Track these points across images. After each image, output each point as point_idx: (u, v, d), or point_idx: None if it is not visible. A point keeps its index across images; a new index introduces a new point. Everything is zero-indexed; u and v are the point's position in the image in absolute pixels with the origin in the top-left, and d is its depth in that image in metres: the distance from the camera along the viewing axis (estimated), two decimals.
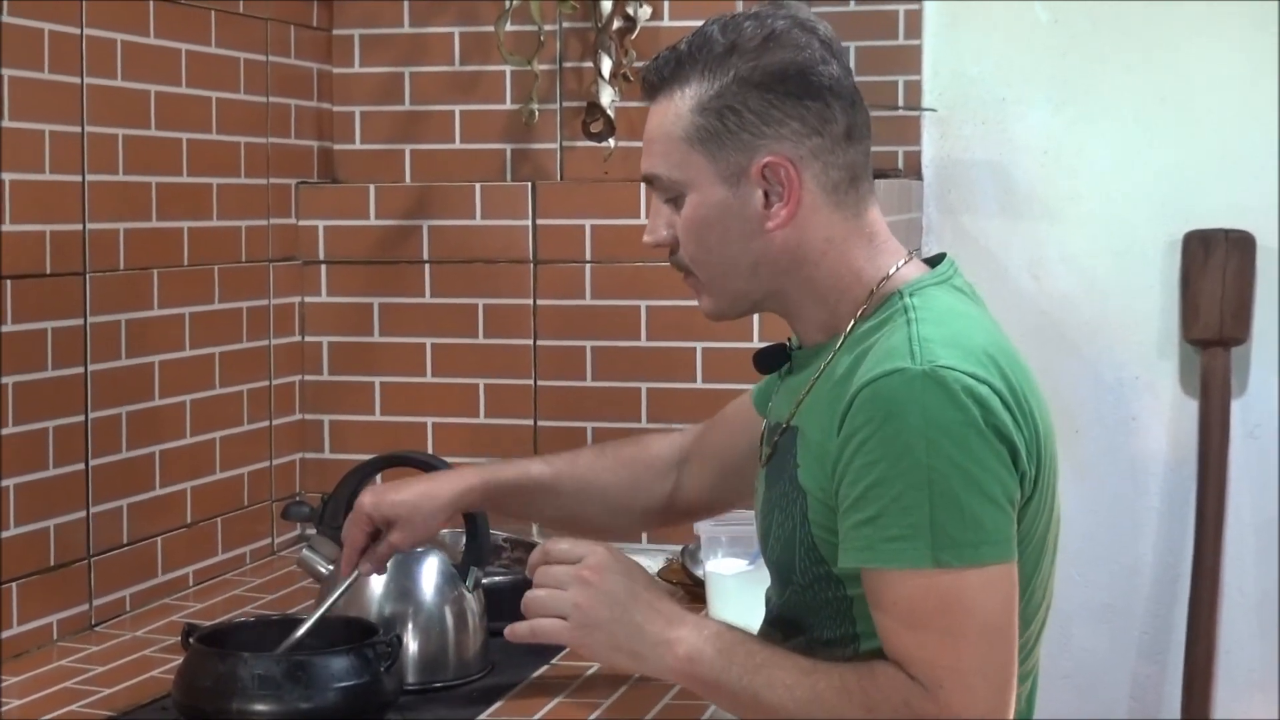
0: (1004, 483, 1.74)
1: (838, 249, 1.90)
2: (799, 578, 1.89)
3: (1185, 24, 3.56)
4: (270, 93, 3.16)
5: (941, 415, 1.72)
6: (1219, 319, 3.49)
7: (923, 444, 1.72)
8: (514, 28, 3.13)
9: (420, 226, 3.25)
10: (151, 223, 2.83)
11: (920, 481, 1.72)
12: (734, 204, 1.89)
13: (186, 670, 2.15)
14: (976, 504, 1.72)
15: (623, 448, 2.33)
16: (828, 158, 1.87)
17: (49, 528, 2.59)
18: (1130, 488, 3.63)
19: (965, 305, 1.91)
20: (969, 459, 1.72)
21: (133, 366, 2.78)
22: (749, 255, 1.91)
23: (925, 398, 1.72)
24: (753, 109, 1.86)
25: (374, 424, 3.28)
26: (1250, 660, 3.57)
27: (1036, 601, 1.89)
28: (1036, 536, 1.84)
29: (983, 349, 1.79)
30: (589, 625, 1.88)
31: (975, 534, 1.72)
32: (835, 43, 1.92)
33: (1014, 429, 1.76)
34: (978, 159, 3.69)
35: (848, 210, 1.90)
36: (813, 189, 1.88)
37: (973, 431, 1.72)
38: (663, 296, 3.13)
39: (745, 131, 1.87)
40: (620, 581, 1.88)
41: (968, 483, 1.72)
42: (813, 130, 1.86)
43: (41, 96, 2.56)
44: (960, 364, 1.74)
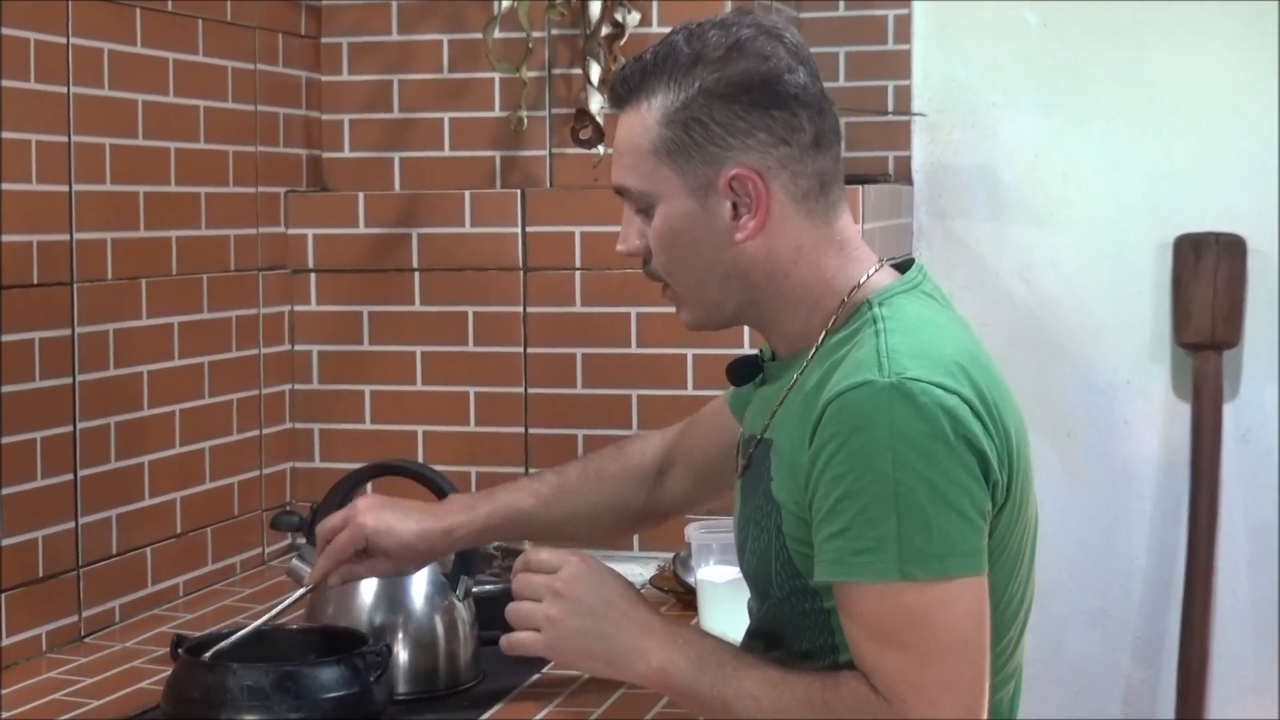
0: (973, 495, 1.74)
1: (808, 258, 1.89)
2: (776, 590, 1.89)
3: (1174, 28, 3.56)
4: (258, 101, 3.15)
5: (908, 428, 1.71)
6: (1210, 323, 3.49)
7: (889, 456, 1.71)
8: (502, 34, 3.13)
9: (410, 234, 3.24)
10: (139, 232, 2.82)
11: (887, 494, 1.71)
12: (702, 216, 1.87)
13: (176, 681, 2.14)
14: (943, 517, 1.71)
15: (605, 463, 2.32)
16: (796, 167, 1.86)
17: (38, 539, 2.58)
18: (1123, 492, 3.63)
19: (934, 313, 1.89)
20: (936, 472, 1.71)
21: (121, 376, 2.77)
22: (720, 266, 1.89)
23: (893, 410, 1.72)
24: (718, 120, 1.85)
25: (364, 433, 3.27)
26: (1244, 664, 3.57)
27: (1015, 607, 1.88)
28: (1012, 544, 1.83)
29: (952, 358, 1.78)
30: (562, 636, 1.88)
31: (942, 547, 1.71)
32: (802, 49, 1.89)
33: (984, 438, 1.75)
34: (968, 164, 3.69)
35: (818, 219, 1.89)
36: (781, 199, 1.86)
37: (940, 444, 1.72)
38: (653, 303, 3.12)
39: (712, 144, 1.85)
40: (593, 592, 1.88)
41: (935, 496, 1.71)
42: (780, 140, 1.85)
43: (28, 106, 2.55)
44: (928, 375, 1.74)
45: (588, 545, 2.18)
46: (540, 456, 3.19)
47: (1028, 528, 1.87)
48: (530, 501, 2.28)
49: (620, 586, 1.90)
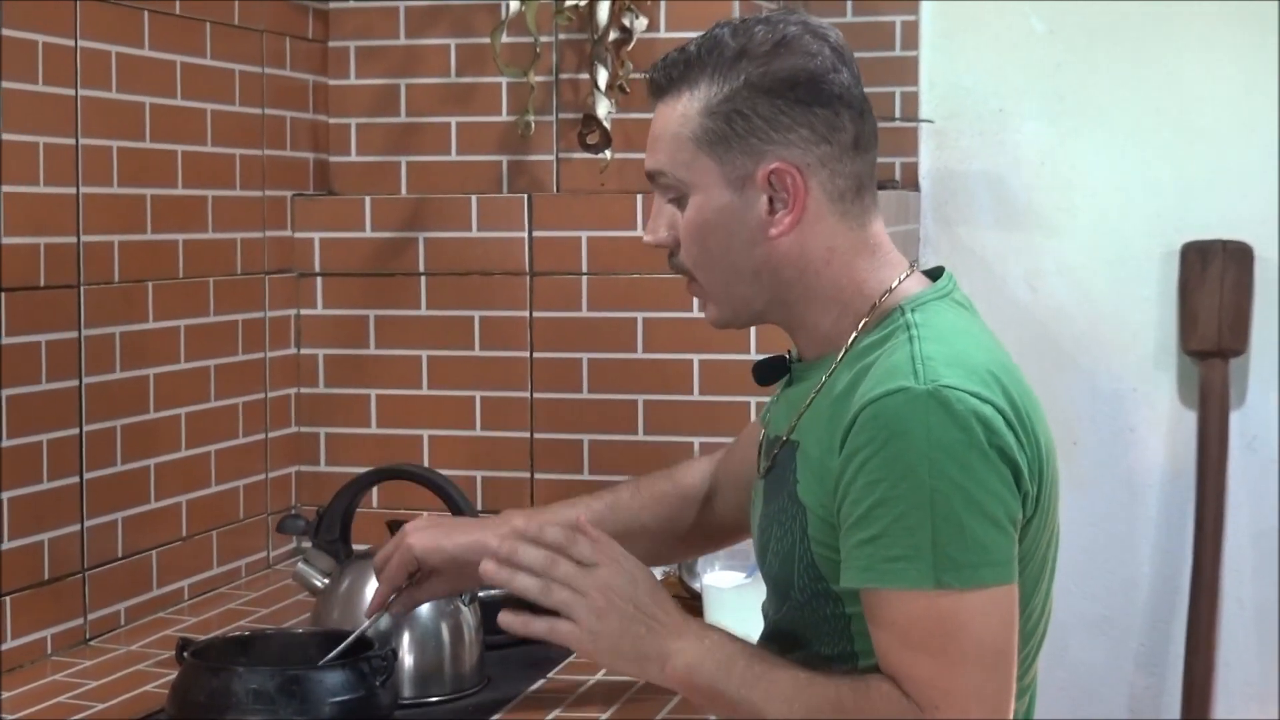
0: (1006, 504, 1.74)
1: (840, 259, 1.89)
2: (797, 594, 1.89)
3: (1181, 36, 3.56)
4: (265, 104, 3.15)
5: (945, 436, 1.71)
6: (1217, 330, 3.49)
7: (926, 464, 1.71)
8: (510, 39, 3.13)
9: (416, 238, 3.24)
10: (146, 235, 2.82)
11: (923, 502, 1.71)
12: (738, 209, 1.88)
13: (181, 685, 2.14)
14: (979, 525, 1.72)
15: (656, 483, 2.32)
16: (835, 166, 1.86)
17: (43, 541, 2.58)
18: (1128, 499, 3.62)
19: (966, 321, 1.90)
20: (971, 480, 1.71)
21: (127, 379, 2.77)
22: (751, 262, 1.89)
23: (929, 418, 1.72)
24: (761, 114, 1.85)
25: (370, 437, 3.27)
26: (1249, 671, 3.57)
27: (1035, 618, 1.88)
28: (1038, 555, 1.84)
29: (985, 367, 1.78)
30: (594, 633, 1.88)
31: (977, 555, 1.72)
32: (846, 50, 1.90)
33: (1017, 449, 1.75)
34: (974, 170, 3.69)
35: (852, 221, 1.89)
36: (818, 197, 1.87)
37: (976, 452, 1.72)
38: (659, 309, 3.12)
39: (753, 136, 1.86)
40: (627, 593, 1.88)
41: (970, 504, 1.71)
42: (821, 138, 1.85)
43: (36, 108, 2.56)
44: (964, 384, 1.74)
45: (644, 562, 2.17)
46: (545, 462, 3.19)
47: (1052, 539, 1.88)
48: (585, 517, 2.27)
49: (652, 587, 1.90)
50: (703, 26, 3.13)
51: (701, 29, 3.14)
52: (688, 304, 3.11)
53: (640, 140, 3.20)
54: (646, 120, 3.17)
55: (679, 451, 3.11)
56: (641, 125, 3.19)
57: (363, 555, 2.46)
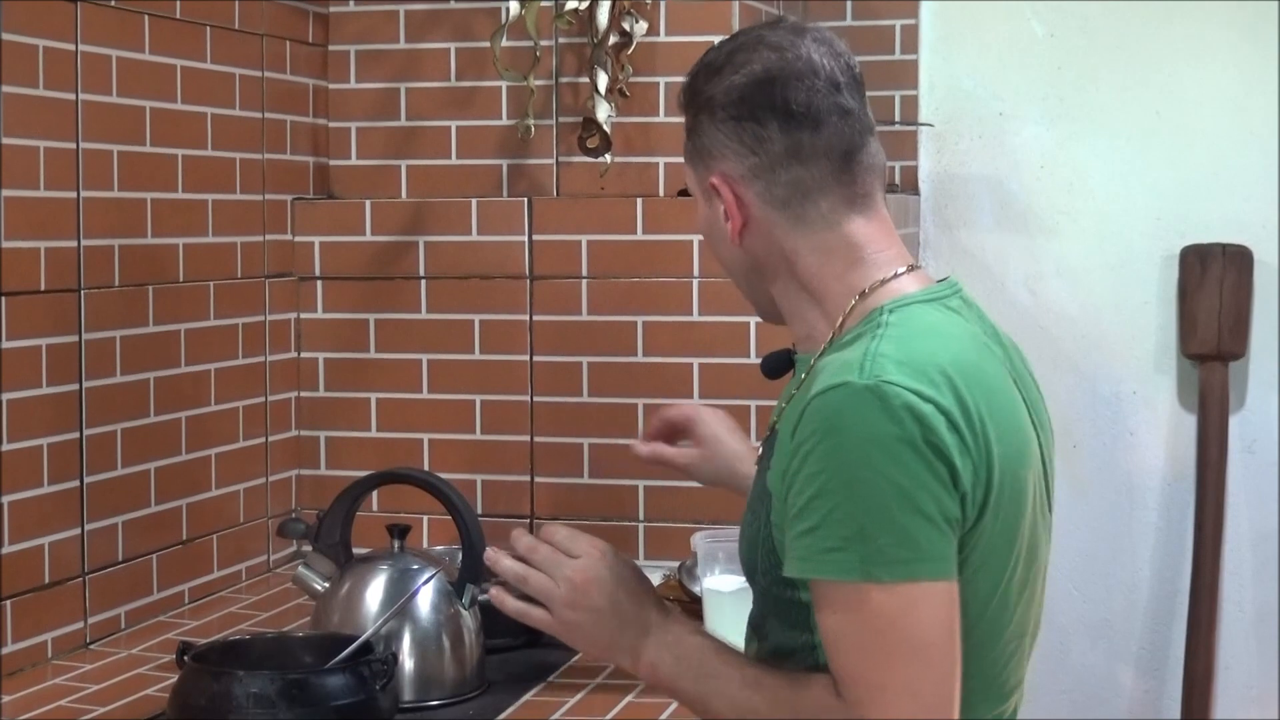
0: (940, 501, 1.74)
1: (806, 261, 1.93)
2: (760, 577, 1.93)
3: (1181, 39, 3.56)
4: (266, 108, 3.15)
5: (878, 430, 1.74)
6: (1216, 334, 3.49)
7: (858, 458, 1.74)
8: (510, 43, 3.13)
9: (416, 242, 3.24)
10: (147, 239, 2.83)
11: (854, 495, 1.73)
12: (713, 218, 1.97)
13: (181, 688, 2.14)
14: (909, 520, 1.73)
15: None
16: (769, 176, 1.91)
17: (44, 545, 2.58)
18: (1128, 503, 3.63)
19: (946, 324, 1.90)
20: (904, 474, 1.73)
21: (128, 383, 2.77)
22: (739, 264, 1.98)
23: (865, 412, 1.74)
24: (704, 132, 1.94)
25: (370, 440, 3.27)
26: (1249, 675, 3.57)
27: (1002, 625, 1.87)
28: (994, 562, 1.82)
29: (940, 368, 1.79)
30: (567, 623, 1.95)
31: (907, 550, 1.73)
32: (807, 63, 1.92)
33: (957, 449, 1.76)
34: (974, 174, 3.69)
35: (813, 225, 1.92)
36: (760, 205, 1.93)
37: (908, 447, 1.73)
38: (659, 312, 3.12)
39: (702, 153, 1.95)
40: (604, 589, 1.93)
41: (901, 498, 1.73)
42: (749, 150, 1.91)
43: (36, 112, 2.56)
44: (905, 380, 1.76)
45: None
46: (546, 465, 3.19)
47: (1023, 549, 1.86)
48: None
49: (630, 585, 1.94)
50: (702, 31, 3.17)
51: (701, 33, 3.17)
52: (687, 307, 3.11)
53: (639, 144, 3.21)
54: (646, 124, 3.20)
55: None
56: (641, 129, 3.21)
57: (363, 559, 2.47)
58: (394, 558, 2.46)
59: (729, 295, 3.07)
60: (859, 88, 1.94)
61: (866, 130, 1.94)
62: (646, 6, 3.15)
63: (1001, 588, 1.85)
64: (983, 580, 1.82)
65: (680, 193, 3.16)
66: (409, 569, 2.42)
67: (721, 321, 3.09)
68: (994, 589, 1.84)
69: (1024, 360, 2.02)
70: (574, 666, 2.57)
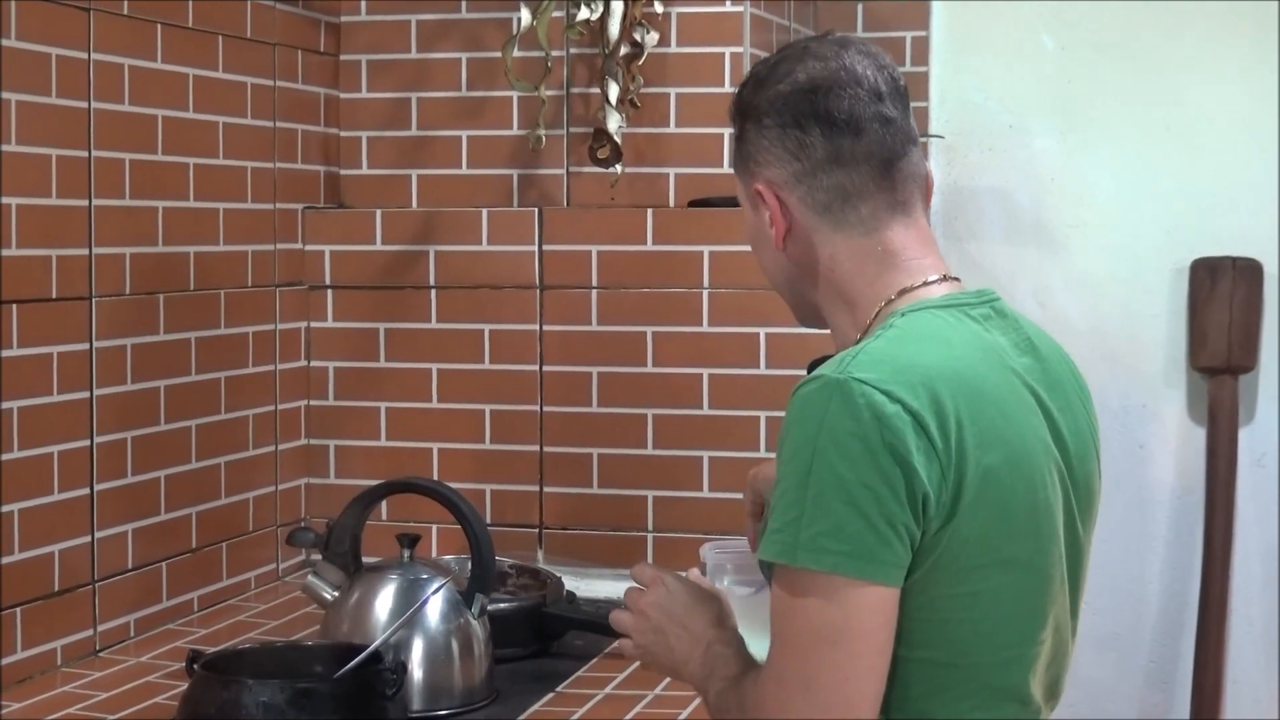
0: (884, 503, 1.76)
1: (843, 266, 1.97)
2: (765, 570, 1.95)
3: (1191, 53, 3.56)
4: (277, 118, 3.16)
5: (836, 423, 1.77)
6: (1226, 347, 3.49)
7: (811, 448, 1.78)
8: (521, 53, 3.13)
9: (426, 252, 3.25)
10: (158, 247, 2.83)
11: (802, 483, 1.78)
12: (758, 225, 2.01)
13: (191, 697, 2.14)
14: (845, 514, 1.75)
15: None
16: (810, 181, 1.95)
17: (53, 552, 2.58)
18: (1137, 516, 3.62)
19: (956, 331, 1.91)
20: (850, 470, 1.76)
21: (138, 391, 2.77)
22: (782, 271, 2.02)
23: (829, 405, 1.78)
24: (749, 140, 1.99)
25: (379, 449, 3.27)
26: (1258, 689, 3.56)
27: (993, 627, 1.87)
28: (967, 562, 1.82)
29: (922, 371, 1.81)
30: (640, 647, 2.06)
31: (837, 543, 1.75)
32: (848, 73, 1.96)
33: (919, 451, 1.77)
34: (984, 186, 3.69)
35: (853, 230, 1.96)
36: (802, 210, 1.97)
37: (860, 444, 1.76)
38: (669, 322, 3.13)
39: (748, 161, 2.00)
40: (664, 612, 2.03)
41: (842, 492, 1.76)
42: (792, 156, 1.96)
43: (48, 120, 2.56)
44: (875, 379, 1.78)
45: None
46: (555, 475, 3.19)
47: (1021, 556, 1.86)
48: None
49: (688, 602, 2.04)
50: (714, 41, 3.17)
51: (712, 44, 3.18)
52: (697, 318, 3.11)
53: (649, 154, 3.22)
54: (656, 134, 3.21)
55: (689, 465, 3.12)
56: (651, 140, 3.21)
57: (372, 568, 2.47)
58: (403, 567, 2.46)
59: (739, 306, 3.08)
60: (902, 98, 2.00)
61: (908, 140, 2.00)
62: (658, 17, 3.16)
63: (982, 592, 1.85)
64: (955, 582, 1.82)
65: (696, 202, 3.16)
66: (418, 578, 2.43)
67: (731, 332, 3.09)
68: (972, 593, 1.84)
69: (1073, 374, 2.07)
70: (582, 677, 2.57)
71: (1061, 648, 2.01)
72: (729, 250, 3.09)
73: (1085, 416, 2.03)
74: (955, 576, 1.82)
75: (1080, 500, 1.97)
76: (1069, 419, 1.97)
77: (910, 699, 1.84)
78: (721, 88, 3.16)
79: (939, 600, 1.81)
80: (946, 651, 1.84)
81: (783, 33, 3.42)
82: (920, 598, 1.81)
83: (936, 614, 1.82)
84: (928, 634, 1.82)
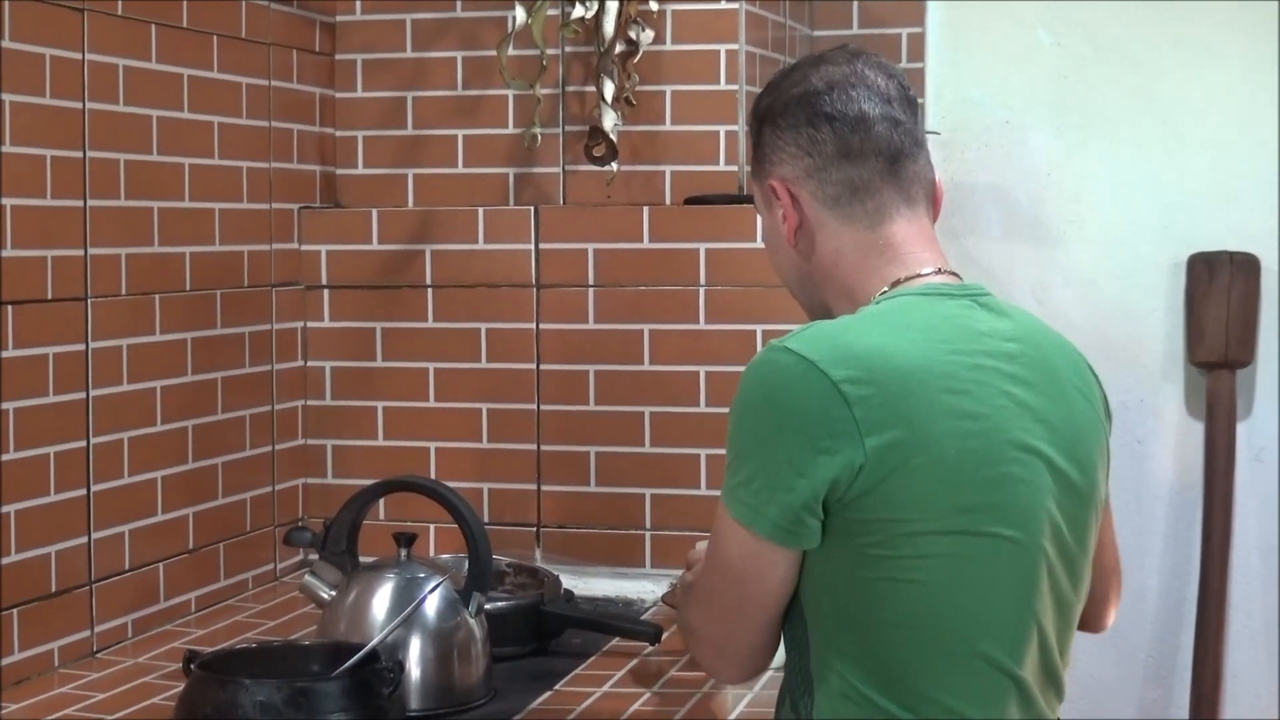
0: (785, 465, 1.86)
1: (848, 259, 2.05)
2: None
3: (1188, 47, 3.55)
4: (272, 117, 3.16)
5: (750, 385, 1.91)
6: (1224, 342, 3.48)
7: (740, 408, 1.92)
8: (516, 52, 3.13)
9: (423, 251, 3.25)
10: (153, 248, 2.83)
11: (732, 437, 1.93)
12: (772, 224, 2.10)
13: (188, 697, 2.14)
14: (752, 471, 1.89)
15: None
16: (821, 175, 2.04)
17: (50, 553, 2.58)
18: (1135, 511, 3.61)
19: (923, 316, 1.96)
20: (765, 432, 1.89)
21: (134, 391, 2.77)
22: (794, 269, 2.10)
23: (755, 366, 1.92)
24: (763, 141, 2.09)
25: (376, 449, 3.27)
26: (1257, 684, 3.56)
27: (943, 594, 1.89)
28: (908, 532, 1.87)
29: (860, 346, 1.89)
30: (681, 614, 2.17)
31: (746, 495, 1.89)
32: (859, 78, 2.05)
33: (833, 422, 1.85)
34: (980, 182, 3.68)
35: (858, 223, 2.04)
36: (813, 204, 2.05)
37: (766, 404, 1.89)
38: (666, 321, 3.12)
39: (763, 161, 2.09)
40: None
41: (755, 452, 1.89)
42: (804, 153, 2.05)
43: (43, 121, 2.56)
44: (805, 350, 1.88)
45: None
46: (552, 474, 3.19)
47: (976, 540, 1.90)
48: None
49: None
50: (709, 39, 3.17)
51: (707, 42, 3.18)
52: (694, 316, 3.11)
53: (645, 152, 3.21)
54: (652, 132, 3.20)
55: (686, 463, 3.12)
56: (647, 137, 3.21)
57: (369, 567, 2.47)
58: (400, 566, 2.46)
59: (736, 303, 3.08)
60: (912, 106, 2.09)
61: (916, 143, 2.09)
62: (653, 15, 3.15)
63: (932, 556, 1.89)
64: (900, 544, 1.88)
65: (692, 200, 3.16)
66: (415, 577, 2.42)
67: (728, 330, 3.09)
68: (919, 555, 1.88)
69: (1074, 368, 2.16)
70: (580, 675, 2.57)
71: (1064, 630, 2.03)
72: (725, 248, 3.09)
73: (1086, 408, 2.10)
74: (899, 540, 1.88)
75: (1077, 487, 2.01)
76: (1060, 408, 2.02)
77: (881, 660, 1.90)
78: (717, 85, 3.16)
79: (886, 561, 1.88)
80: (903, 612, 1.89)
81: (778, 30, 3.42)
82: (867, 558, 1.88)
83: (886, 573, 1.89)
84: (880, 593, 1.89)
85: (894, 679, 1.89)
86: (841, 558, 1.90)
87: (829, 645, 1.92)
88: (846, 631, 1.91)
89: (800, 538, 1.89)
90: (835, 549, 1.90)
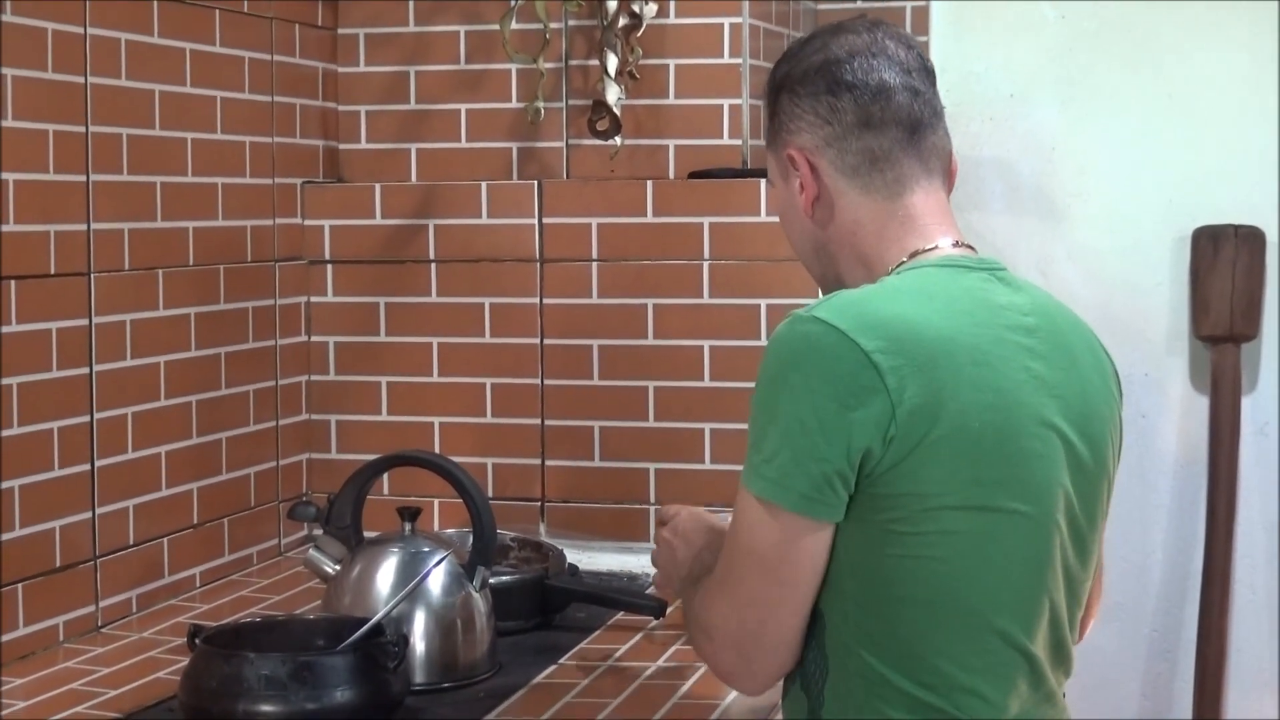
0: (811, 436, 1.84)
1: (866, 229, 2.04)
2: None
3: (1192, 21, 3.54)
4: (275, 92, 3.15)
5: (778, 353, 1.89)
6: (1229, 315, 3.48)
7: (767, 381, 1.89)
8: (519, 26, 3.13)
9: (426, 226, 3.24)
10: (156, 223, 2.83)
11: (756, 412, 1.90)
12: (788, 195, 2.08)
13: (193, 671, 2.14)
14: (778, 445, 1.86)
15: None
16: (840, 144, 2.03)
17: (54, 529, 2.58)
18: (1140, 485, 3.61)
19: (943, 288, 1.95)
20: (791, 404, 1.85)
21: (138, 367, 2.77)
22: (809, 241, 2.08)
23: (779, 338, 1.90)
24: (781, 110, 2.07)
25: (380, 424, 3.27)
26: (1261, 659, 3.56)
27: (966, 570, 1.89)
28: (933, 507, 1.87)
29: (887, 316, 1.88)
30: (659, 568, 2.24)
31: (770, 470, 1.86)
32: (879, 48, 2.04)
33: (863, 392, 1.83)
34: (985, 156, 3.68)
35: (877, 193, 2.03)
36: (832, 174, 2.04)
37: (796, 373, 1.86)
38: (670, 295, 3.12)
39: (780, 131, 2.07)
40: (676, 532, 2.19)
41: (780, 424, 1.86)
42: (824, 121, 2.03)
43: (45, 96, 2.56)
44: (828, 316, 1.87)
45: None
46: (556, 448, 3.19)
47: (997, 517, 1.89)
48: None
49: (693, 520, 2.19)
50: (712, 12, 3.16)
51: (711, 14, 3.17)
52: (698, 290, 3.11)
53: (649, 126, 3.21)
54: (655, 106, 3.20)
55: (690, 437, 3.12)
56: (651, 111, 3.21)
57: (373, 542, 2.47)
58: (405, 540, 2.46)
59: (740, 277, 3.08)
60: (930, 77, 2.09)
61: (935, 114, 2.09)
62: None
63: (956, 532, 1.88)
64: (923, 520, 1.86)
65: (696, 174, 3.15)
66: (420, 551, 2.42)
67: (732, 304, 3.09)
68: (942, 531, 1.87)
69: (1087, 344, 2.10)
70: (584, 649, 2.57)
71: (1072, 605, 2.02)
72: (730, 222, 3.09)
73: (1100, 384, 2.06)
74: (923, 515, 1.87)
75: (1088, 463, 1.99)
76: (1075, 381, 2.00)
77: (899, 638, 1.89)
78: (721, 58, 3.15)
79: (909, 538, 1.87)
80: (924, 589, 1.88)
81: (782, 3, 3.41)
82: (890, 534, 1.87)
83: (909, 550, 1.87)
84: (903, 570, 1.88)
85: (912, 656, 1.89)
86: (863, 535, 1.88)
87: (847, 623, 1.91)
88: (866, 609, 1.89)
89: (828, 507, 1.86)
90: (858, 527, 1.88)
